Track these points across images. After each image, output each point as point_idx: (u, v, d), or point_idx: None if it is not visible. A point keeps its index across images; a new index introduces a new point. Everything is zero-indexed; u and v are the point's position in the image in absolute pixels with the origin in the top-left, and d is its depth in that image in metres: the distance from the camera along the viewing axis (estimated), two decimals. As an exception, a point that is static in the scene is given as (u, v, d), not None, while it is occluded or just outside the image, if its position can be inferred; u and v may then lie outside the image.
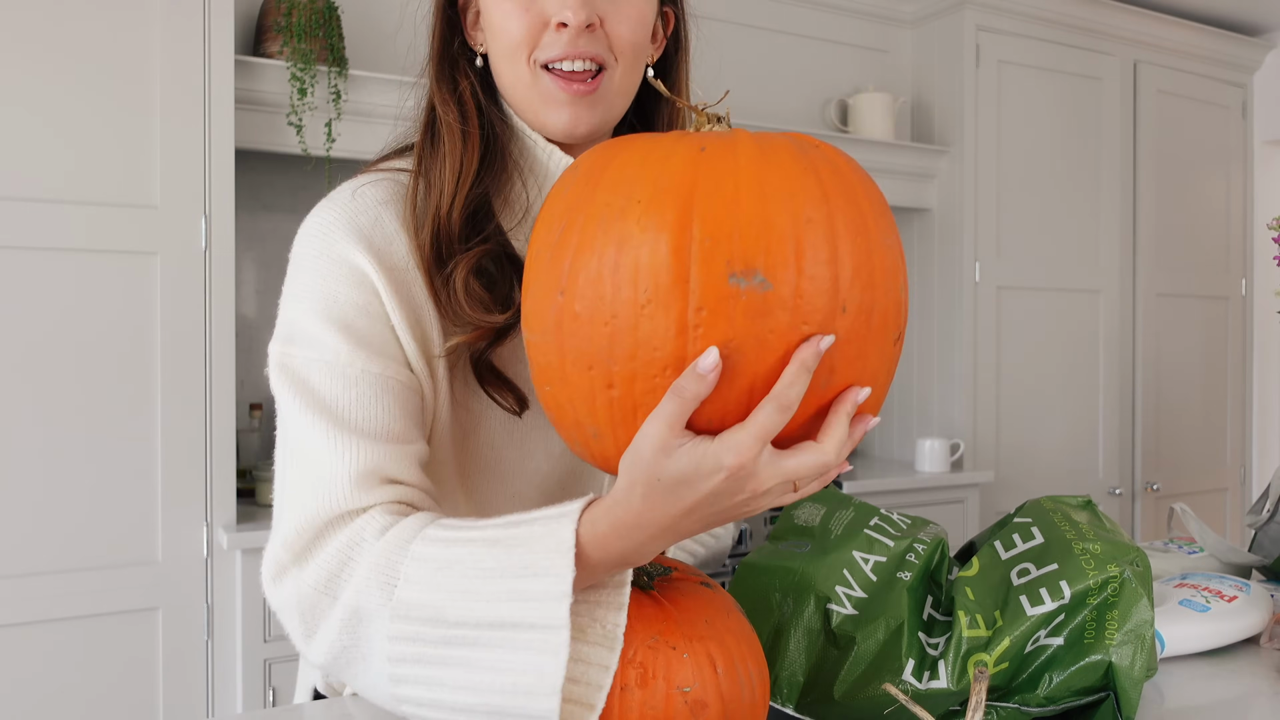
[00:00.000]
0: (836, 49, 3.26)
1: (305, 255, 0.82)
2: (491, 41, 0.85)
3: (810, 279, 0.59)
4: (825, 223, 0.60)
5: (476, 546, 0.66)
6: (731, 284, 0.58)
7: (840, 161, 0.65)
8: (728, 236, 0.58)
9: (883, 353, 0.64)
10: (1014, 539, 0.97)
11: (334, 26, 2.28)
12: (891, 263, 0.63)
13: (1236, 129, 3.78)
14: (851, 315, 0.60)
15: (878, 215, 0.63)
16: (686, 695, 0.67)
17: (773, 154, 0.62)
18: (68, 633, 1.90)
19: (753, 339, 0.59)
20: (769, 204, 0.59)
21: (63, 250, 1.90)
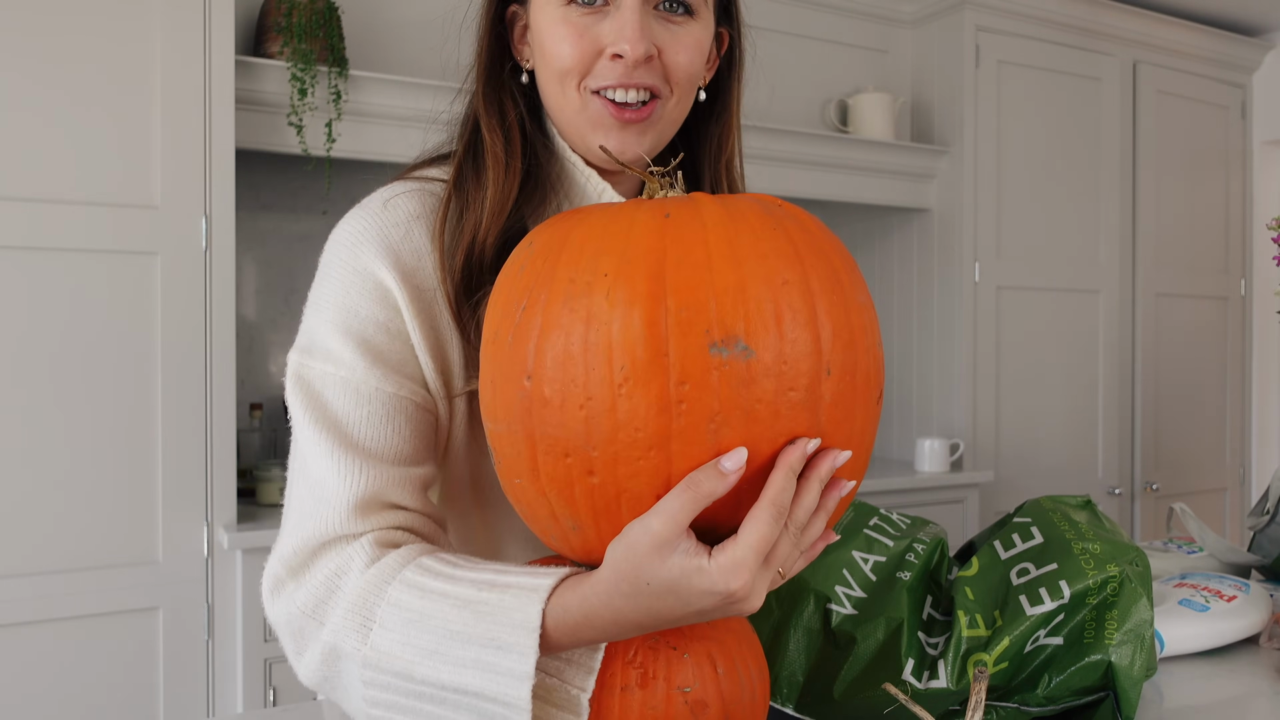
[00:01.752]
0: (836, 49, 3.26)
1: (332, 264, 0.80)
2: (541, 62, 0.82)
3: (792, 343, 0.57)
4: (801, 283, 0.58)
5: (448, 605, 0.65)
6: (713, 354, 0.56)
7: (806, 219, 0.63)
8: (704, 304, 0.56)
9: (867, 413, 0.62)
10: (1014, 539, 0.97)
11: (334, 27, 2.28)
12: (868, 320, 0.62)
13: (1236, 129, 3.78)
14: (836, 377, 0.59)
15: (849, 272, 0.62)
16: (686, 695, 0.67)
17: (740, 216, 0.60)
18: (68, 633, 1.90)
19: (739, 410, 0.56)
20: (743, 268, 0.57)
21: (63, 250, 1.90)
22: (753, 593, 0.59)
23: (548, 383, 0.58)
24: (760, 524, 0.58)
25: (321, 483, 0.74)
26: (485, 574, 0.66)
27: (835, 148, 3.00)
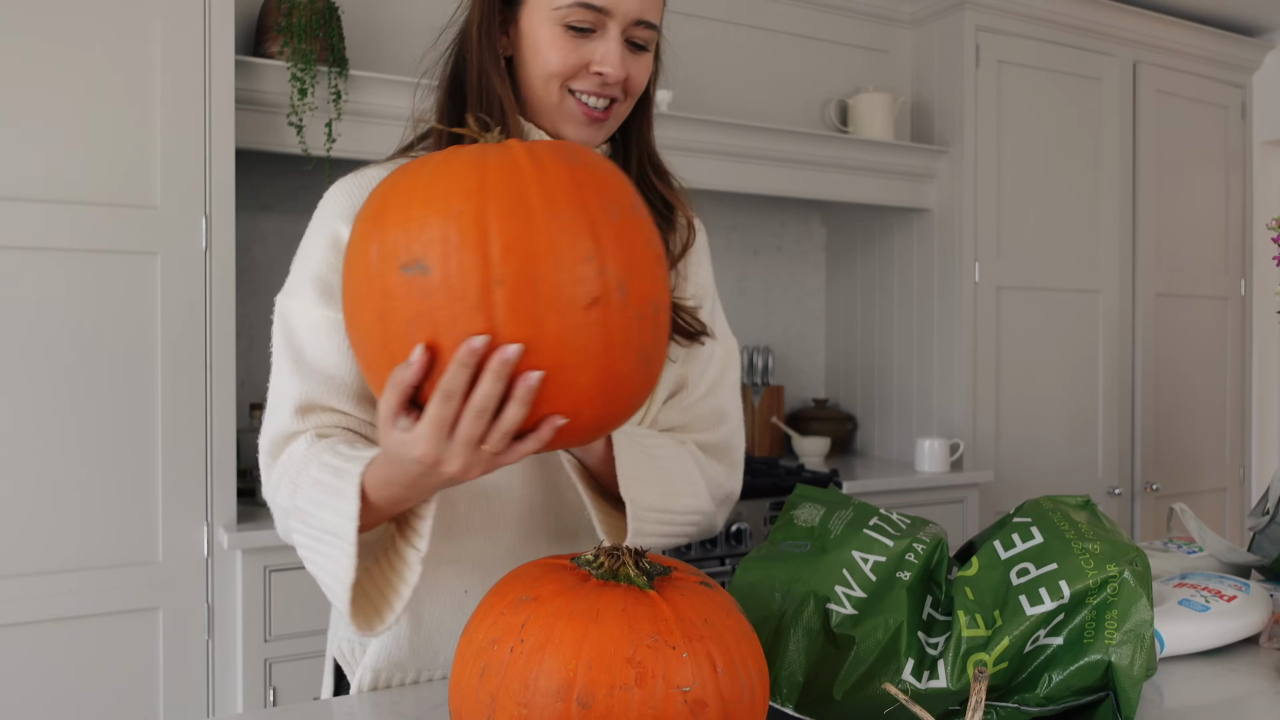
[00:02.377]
0: (836, 49, 3.26)
1: (310, 225, 1.02)
2: (530, 60, 1.01)
3: (458, 262, 0.70)
4: (475, 212, 0.71)
5: (325, 474, 0.89)
6: (403, 273, 0.71)
7: (540, 154, 0.75)
8: (400, 236, 0.72)
9: (564, 320, 0.71)
10: (1013, 539, 0.97)
11: (334, 26, 2.28)
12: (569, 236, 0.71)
13: (1236, 129, 3.78)
14: (508, 287, 0.70)
15: (549, 191, 0.72)
16: (686, 695, 0.67)
17: (451, 160, 0.74)
18: (68, 633, 1.90)
19: (424, 316, 0.71)
20: (430, 204, 0.72)
21: (63, 250, 1.90)
22: (444, 460, 0.76)
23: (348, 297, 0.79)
24: (432, 405, 0.74)
25: (278, 392, 0.98)
26: (354, 452, 0.89)
27: (835, 148, 3.00)
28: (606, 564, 0.74)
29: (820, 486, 1.11)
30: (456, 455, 0.76)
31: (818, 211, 3.53)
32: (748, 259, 3.38)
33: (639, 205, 0.78)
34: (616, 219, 0.74)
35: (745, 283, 3.37)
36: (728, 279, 3.33)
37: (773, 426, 3.27)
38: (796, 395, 3.50)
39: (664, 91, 2.76)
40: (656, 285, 0.77)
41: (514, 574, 0.77)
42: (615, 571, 0.74)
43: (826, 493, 1.05)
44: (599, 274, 0.72)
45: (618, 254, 0.73)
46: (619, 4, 0.98)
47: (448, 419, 0.74)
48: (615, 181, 0.77)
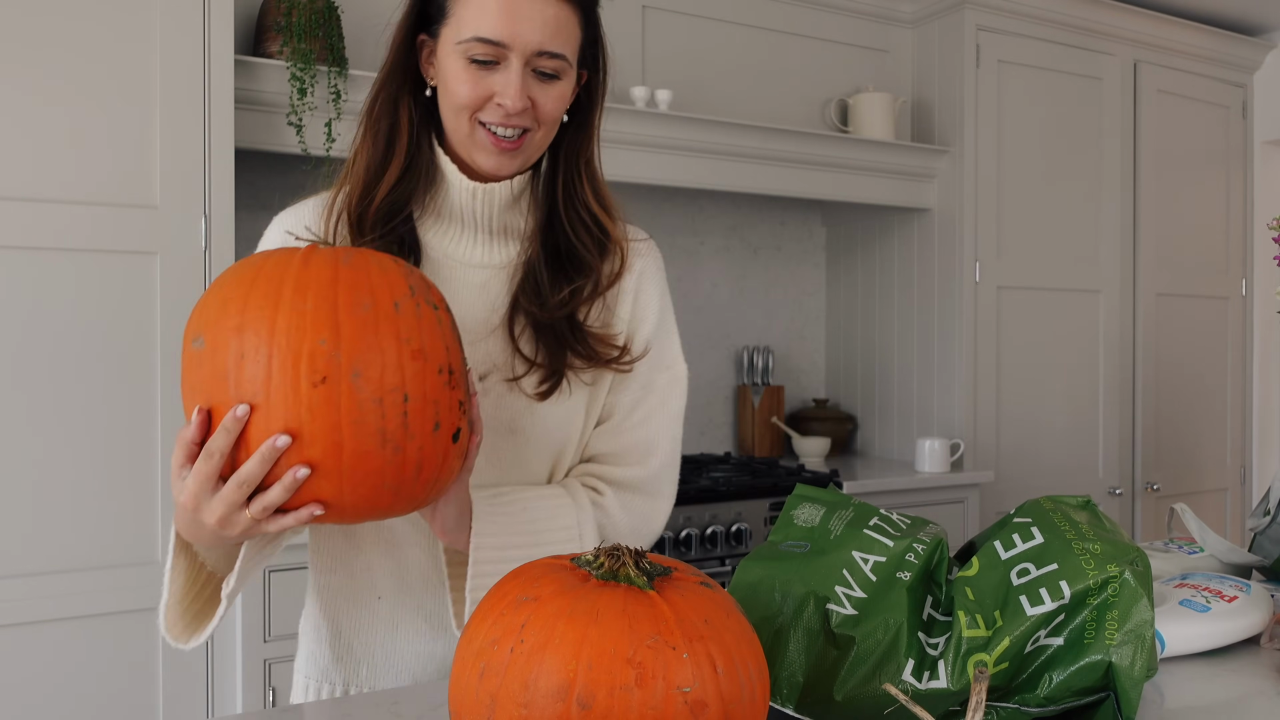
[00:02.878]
0: (836, 49, 3.26)
1: None
2: (442, 91, 1.05)
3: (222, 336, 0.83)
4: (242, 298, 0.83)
5: None
6: (192, 347, 0.84)
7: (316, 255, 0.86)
8: (195, 318, 0.85)
9: (295, 395, 0.81)
10: (1014, 539, 0.97)
11: (334, 26, 2.28)
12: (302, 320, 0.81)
13: (1236, 129, 3.78)
14: (249, 361, 0.82)
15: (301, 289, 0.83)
16: (686, 695, 0.67)
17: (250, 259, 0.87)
18: (68, 633, 1.90)
19: (200, 385, 0.84)
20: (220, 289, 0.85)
21: (63, 250, 1.90)
22: (203, 510, 0.84)
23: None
24: (199, 458, 0.84)
25: None
26: None
27: (835, 148, 3.00)
28: (607, 564, 0.74)
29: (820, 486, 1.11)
30: (215, 509, 0.84)
31: (818, 211, 3.53)
32: (748, 259, 3.38)
33: (406, 303, 0.86)
34: (366, 313, 0.83)
35: (745, 283, 3.37)
36: (728, 279, 3.33)
37: (773, 426, 3.27)
38: (796, 395, 3.50)
39: (664, 91, 2.76)
40: (406, 376, 0.84)
41: (514, 574, 0.77)
42: (615, 571, 0.74)
43: (826, 493, 1.05)
44: (329, 358, 0.81)
45: (356, 344, 0.82)
46: (516, 37, 1.00)
47: (210, 474, 0.83)
48: (381, 282, 0.85)
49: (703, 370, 3.29)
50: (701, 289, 3.29)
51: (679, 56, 2.99)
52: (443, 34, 1.03)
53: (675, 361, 1.18)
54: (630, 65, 2.90)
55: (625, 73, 2.89)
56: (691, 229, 3.27)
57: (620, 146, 2.67)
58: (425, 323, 0.86)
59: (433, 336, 0.86)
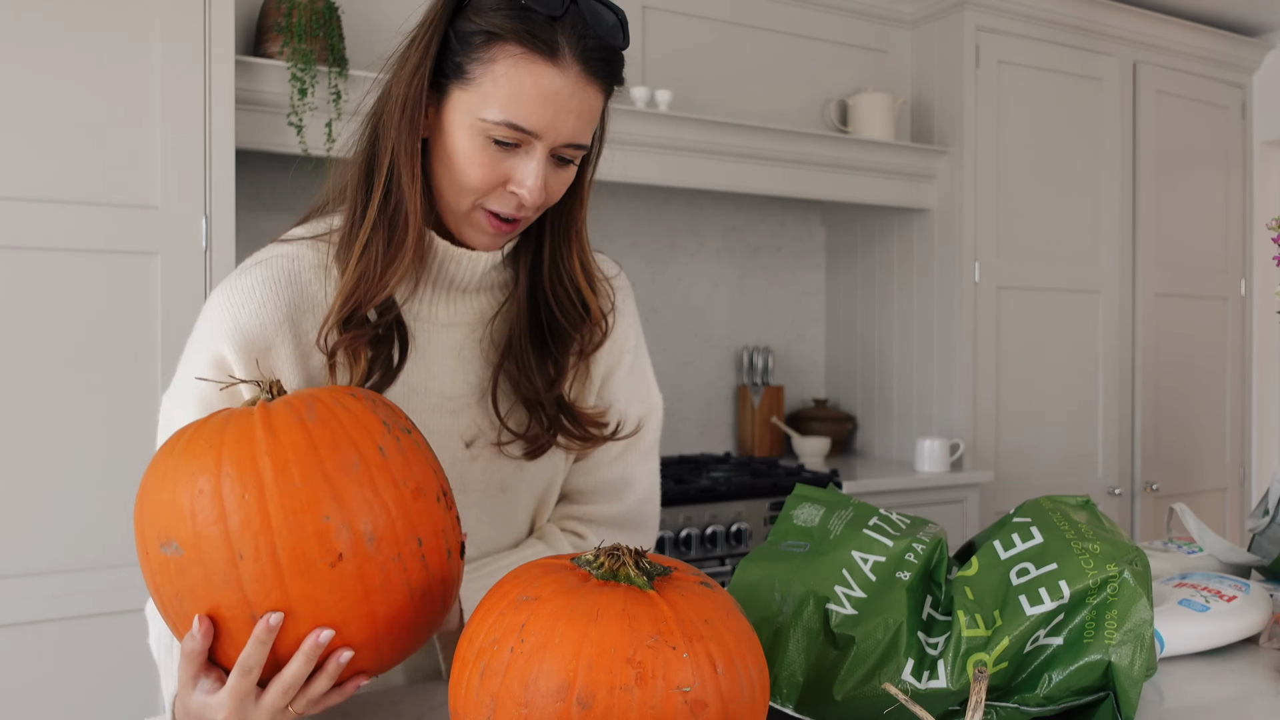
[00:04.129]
0: (836, 49, 3.26)
1: (195, 329, 0.97)
2: (446, 163, 0.92)
3: (207, 538, 0.74)
4: (212, 493, 0.74)
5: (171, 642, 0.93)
6: (164, 552, 0.76)
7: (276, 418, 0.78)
8: (157, 515, 0.76)
9: (312, 582, 0.75)
10: (1013, 539, 0.97)
11: (334, 26, 2.28)
12: (303, 502, 0.75)
13: (1236, 129, 3.78)
14: (250, 560, 0.74)
15: (282, 463, 0.75)
16: (686, 695, 0.67)
17: (196, 437, 0.78)
18: (68, 633, 1.90)
19: (187, 591, 0.76)
20: (178, 484, 0.76)
21: (63, 250, 1.90)
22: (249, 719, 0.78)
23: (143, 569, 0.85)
24: (233, 678, 0.77)
25: None
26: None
27: (835, 148, 3.00)
28: (607, 564, 0.74)
29: (820, 486, 1.11)
30: (262, 715, 0.79)
31: (818, 211, 3.53)
32: (748, 259, 3.38)
33: (387, 442, 0.80)
34: (358, 471, 0.77)
35: (745, 283, 3.37)
36: (728, 279, 3.33)
37: (773, 426, 3.27)
38: (796, 395, 3.50)
39: (664, 91, 2.76)
40: (413, 519, 0.79)
41: (514, 574, 0.77)
42: (615, 571, 0.74)
43: (826, 493, 1.05)
44: (340, 531, 0.75)
45: (361, 506, 0.76)
46: (550, 129, 0.89)
47: (249, 689, 0.77)
48: (357, 429, 0.79)
49: (703, 370, 3.29)
50: (701, 289, 3.29)
51: (679, 56, 2.99)
52: (456, 96, 0.90)
53: (649, 392, 1.14)
54: (630, 65, 2.90)
55: (625, 73, 2.89)
56: (691, 229, 3.27)
57: (620, 146, 2.65)
58: (409, 455, 0.81)
59: (421, 466, 0.81)
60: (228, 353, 0.94)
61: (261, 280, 0.95)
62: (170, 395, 0.97)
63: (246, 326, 0.94)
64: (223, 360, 0.94)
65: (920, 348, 3.26)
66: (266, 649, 0.75)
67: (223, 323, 0.94)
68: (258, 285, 0.95)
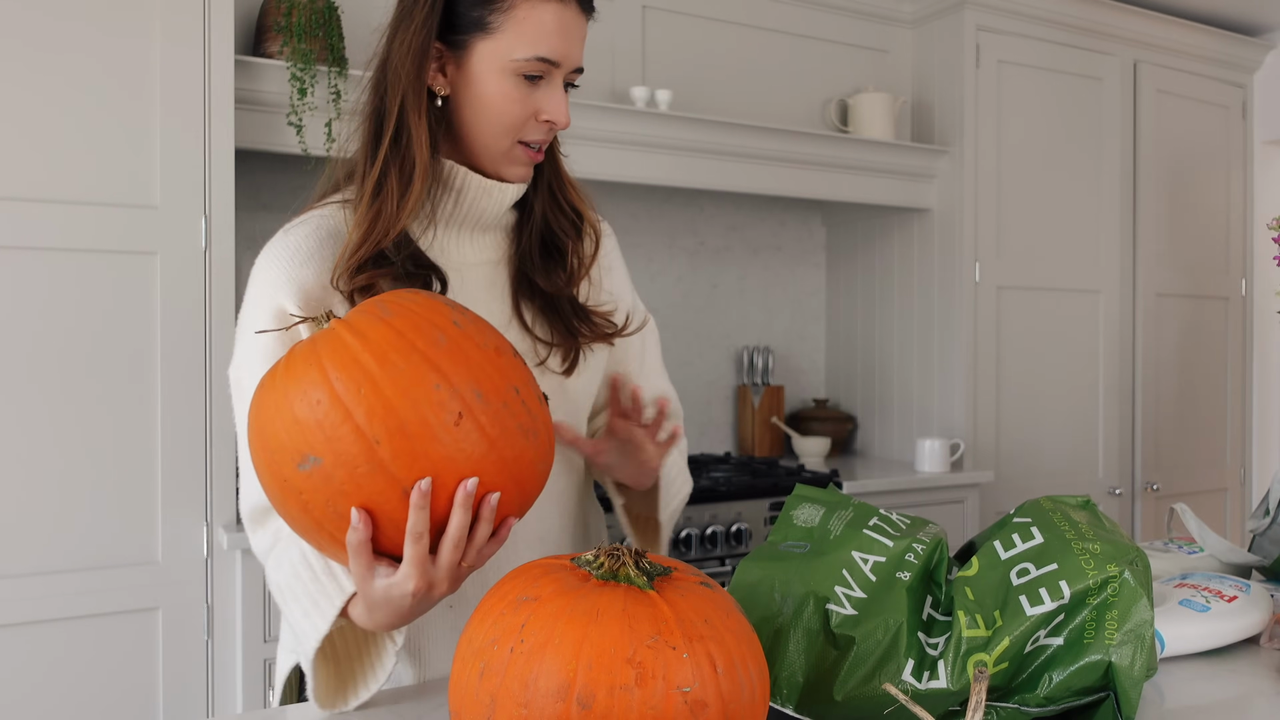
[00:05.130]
0: (836, 49, 3.26)
1: (248, 294, 1.03)
2: (480, 109, 1.03)
3: (338, 438, 0.80)
4: (330, 398, 0.81)
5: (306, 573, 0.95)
6: (301, 470, 0.82)
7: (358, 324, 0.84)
8: (283, 447, 0.82)
9: (445, 442, 0.82)
10: (1013, 539, 0.97)
11: (334, 26, 2.28)
12: (411, 379, 0.82)
13: (1236, 129, 3.78)
14: (385, 442, 0.80)
15: (381, 353, 0.82)
16: (686, 695, 0.67)
17: (293, 364, 0.84)
18: (68, 633, 1.90)
19: (340, 493, 0.82)
20: (294, 407, 0.82)
21: (62, 250, 1.90)
22: (435, 585, 0.85)
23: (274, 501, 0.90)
24: (408, 548, 0.83)
25: (249, 466, 0.99)
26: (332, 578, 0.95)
27: (835, 148, 3.00)
28: (606, 564, 0.74)
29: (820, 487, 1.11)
30: (444, 579, 0.85)
31: (818, 211, 3.53)
32: (748, 259, 3.38)
33: (458, 316, 0.88)
34: (446, 343, 0.84)
35: (745, 283, 3.37)
36: (728, 279, 3.33)
37: (773, 426, 3.27)
38: (796, 395, 3.50)
39: (664, 91, 2.76)
40: (505, 372, 0.86)
41: (514, 574, 0.77)
42: (615, 571, 0.74)
43: (826, 493, 1.05)
44: (451, 395, 0.82)
45: (459, 369, 0.83)
46: (567, 56, 1.03)
47: (425, 554, 0.83)
48: (430, 311, 0.87)
49: (703, 370, 3.29)
50: (701, 289, 3.29)
51: (679, 56, 2.99)
52: (480, 47, 1.01)
53: (646, 312, 1.31)
54: (630, 65, 2.90)
55: (625, 73, 2.89)
56: (691, 229, 3.27)
57: (620, 146, 2.67)
58: (479, 323, 0.88)
59: (490, 331, 0.89)
60: (288, 305, 1.00)
61: (307, 235, 1.04)
62: (236, 364, 1.03)
63: (300, 277, 1.01)
64: (283, 312, 1.00)
65: (920, 348, 3.26)
66: (427, 513, 0.81)
67: (277, 278, 1.01)
68: (304, 239, 1.03)
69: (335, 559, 0.87)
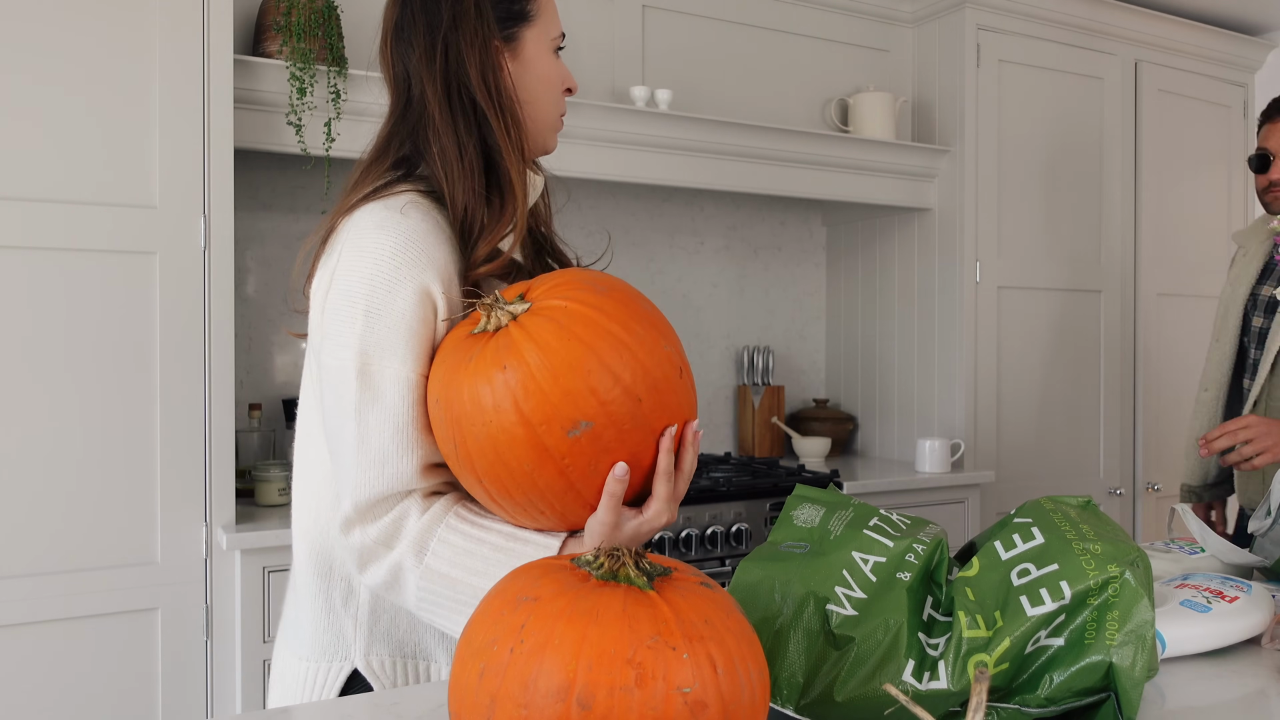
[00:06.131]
0: (836, 49, 3.25)
1: (372, 271, 1.01)
2: (543, 87, 1.13)
3: (611, 400, 0.92)
4: (601, 367, 0.91)
5: (486, 548, 0.99)
6: (570, 436, 0.91)
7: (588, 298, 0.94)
8: (556, 416, 0.91)
9: (678, 391, 0.97)
10: (1014, 539, 0.96)
11: (333, 26, 2.28)
12: (650, 341, 0.95)
13: (1237, 129, 3.77)
14: (646, 398, 0.93)
15: (624, 321, 0.94)
16: (686, 695, 0.67)
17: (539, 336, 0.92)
18: (68, 633, 1.90)
19: (604, 452, 0.93)
20: (570, 381, 0.91)
21: (62, 250, 1.89)
22: (673, 517, 1.00)
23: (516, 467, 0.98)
24: (661, 485, 0.98)
25: (382, 451, 1.00)
26: (505, 528, 1.01)
27: (835, 147, 3.00)
28: (606, 564, 0.74)
29: (820, 487, 1.12)
30: (676, 510, 0.99)
31: (818, 211, 3.53)
32: (748, 259, 3.37)
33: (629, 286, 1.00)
34: (651, 309, 0.98)
35: (745, 283, 3.37)
36: (728, 279, 3.33)
37: (773, 426, 3.27)
38: (796, 395, 3.50)
39: (664, 91, 2.75)
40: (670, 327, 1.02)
41: (514, 574, 0.76)
42: (615, 572, 0.74)
43: (826, 493, 1.05)
44: (675, 352, 0.98)
45: (667, 330, 0.98)
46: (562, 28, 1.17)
47: (673, 490, 0.98)
48: (620, 282, 0.99)
49: (703, 370, 3.29)
50: (701, 289, 3.29)
51: (679, 56, 2.99)
52: (528, 35, 1.12)
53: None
54: (630, 65, 2.90)
55: (625, 73, 2.89)
56: (691, 229, 3.26)
57: (620, 146, 2.67)
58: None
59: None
60: (432, 285, 1.02)
61: (425, 215, 1.04)
62: (360, 349, 1.01)
63: (436, 256, 1.03)
64: (428, 293, 1.02)
65: (921, 347, 3.25)
66: (673, 455, 0.96)
67: (417, 259, 1.01)
68: (423, 221, 1.04)
69: (543, 525, 0.98)
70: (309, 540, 1.12)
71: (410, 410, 1.00)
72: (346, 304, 1.01)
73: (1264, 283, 2.19)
